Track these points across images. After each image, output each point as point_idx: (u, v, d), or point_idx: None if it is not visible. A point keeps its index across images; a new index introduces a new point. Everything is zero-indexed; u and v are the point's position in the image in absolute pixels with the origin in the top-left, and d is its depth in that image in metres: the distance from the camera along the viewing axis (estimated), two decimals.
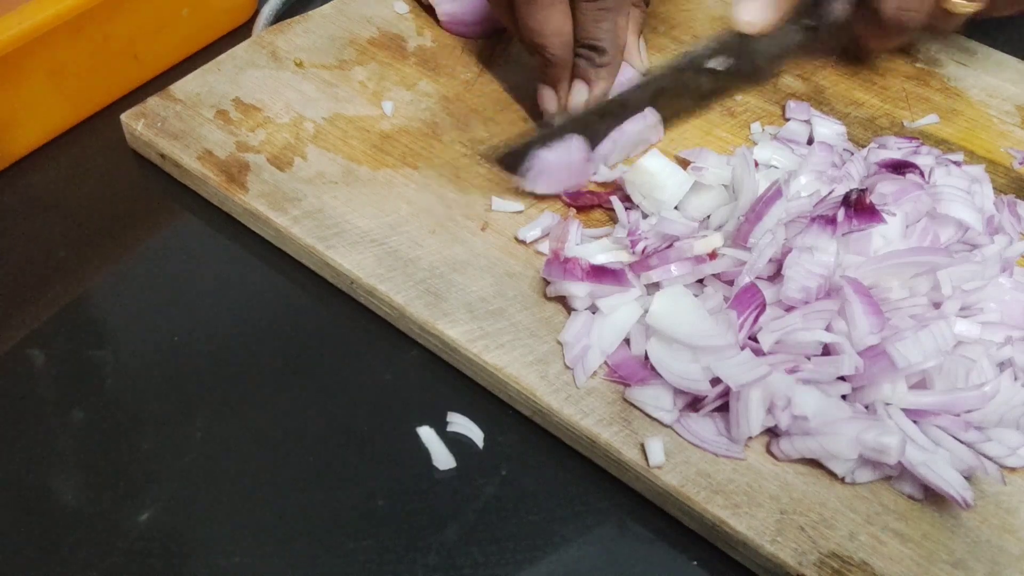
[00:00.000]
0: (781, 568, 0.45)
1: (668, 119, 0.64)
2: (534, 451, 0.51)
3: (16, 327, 0.55)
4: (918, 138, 0.63)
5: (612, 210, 0.58)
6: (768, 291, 0.50)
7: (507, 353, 0.52)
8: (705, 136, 0.65)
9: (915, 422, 0.48)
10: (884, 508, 0.47)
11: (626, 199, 0.59)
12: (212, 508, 0.48)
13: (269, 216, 0.58)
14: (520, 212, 0.59)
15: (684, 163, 0.61)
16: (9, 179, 0.63)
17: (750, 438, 0.49)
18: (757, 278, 0.51)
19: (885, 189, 0.55)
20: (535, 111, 0.65)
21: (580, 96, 0.61)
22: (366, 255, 0.56)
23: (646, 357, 0.51)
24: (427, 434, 0.51)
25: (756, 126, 0.66)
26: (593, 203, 0.60)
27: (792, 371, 0.48)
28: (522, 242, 0.58)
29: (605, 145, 0.61)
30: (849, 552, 0.46)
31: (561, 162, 0.59)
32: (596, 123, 0.61)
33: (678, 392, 0.50)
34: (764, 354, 0.49)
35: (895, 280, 0.51)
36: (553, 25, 0.59)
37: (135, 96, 0.67)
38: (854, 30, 0.65)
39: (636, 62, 0.65)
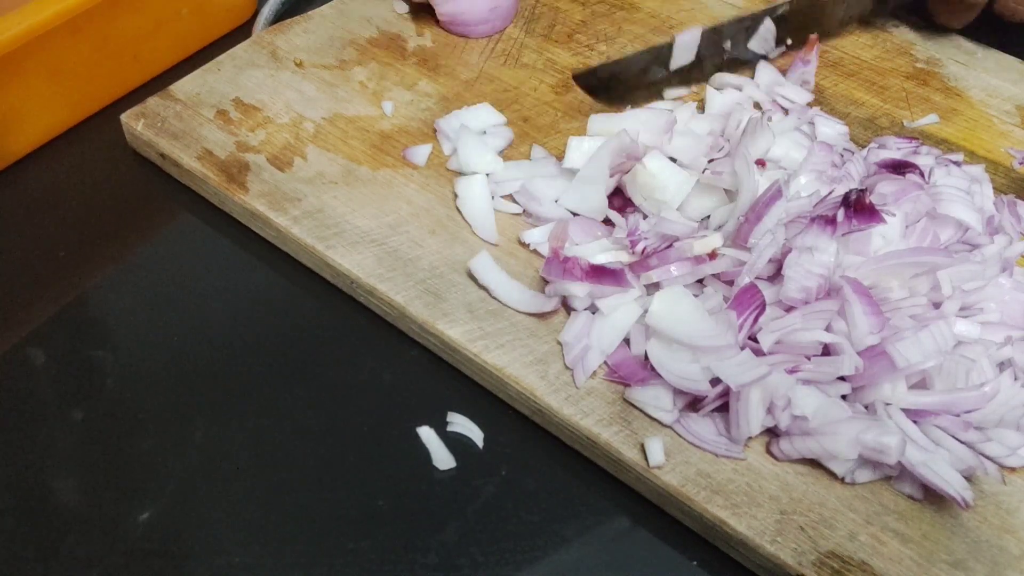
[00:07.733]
0: (781, 568, 0.45)
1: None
2: (534, 451, 0.51)
3: (16, 327, 0.55)
4: (918, 138, 0.63)
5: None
6: (768, 291, 0.50)
7: (507, 353, 0.52)
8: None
9: (915, 422, 0.48)
10: (884, 508, 0.47)
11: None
12: (212, 508, 0.48)
13: (269, 216, 0.58)
14: (519, 213, 0.60)
15: None
16: (9, 179, 0.63)
17: (750, 438, 0.49)
18: (757, 278, 0.51)
19: (885, 189, 0.55)
20: (535, 110, 0.65)
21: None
22: (366, 255, 0.56)
23: (646, 357, 0.51)
24: (427, 434, 0.51)
25: None
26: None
27: (792, 371, 0.48)
28: (525, 245, 0.58)
29: None
30: (849, 552, 0.46)
31: None
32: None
33: (678, 392, 0.50)
34: (764, 354, 0.49)
35: (895, 280, 0.51)
36: None
37: (135, 96, 0.67)
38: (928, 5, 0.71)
39: None
